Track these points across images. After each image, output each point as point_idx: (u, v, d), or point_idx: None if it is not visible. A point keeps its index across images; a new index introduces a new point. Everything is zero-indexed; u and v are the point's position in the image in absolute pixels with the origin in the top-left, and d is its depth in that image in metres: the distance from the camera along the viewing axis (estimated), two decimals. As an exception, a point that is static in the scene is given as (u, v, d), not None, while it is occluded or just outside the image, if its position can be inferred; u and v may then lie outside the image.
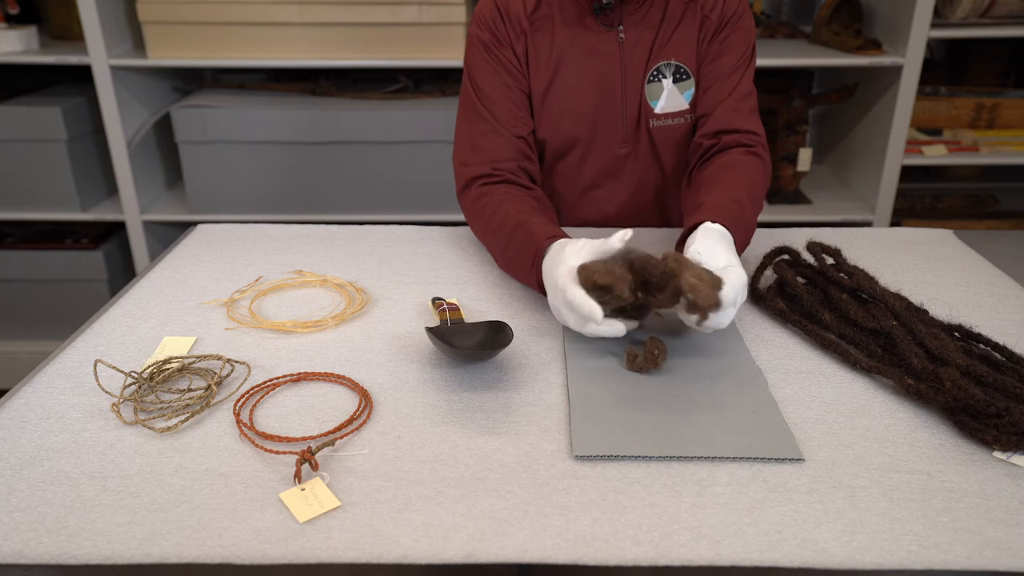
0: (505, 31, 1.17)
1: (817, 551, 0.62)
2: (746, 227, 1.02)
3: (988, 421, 0.74)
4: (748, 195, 1.05)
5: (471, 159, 1.17)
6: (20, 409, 0.80)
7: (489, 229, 1.10)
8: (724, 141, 1.15)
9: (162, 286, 1.08)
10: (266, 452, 0.73)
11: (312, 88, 2.19)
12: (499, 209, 1.09)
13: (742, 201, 1.03)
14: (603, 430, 0.75)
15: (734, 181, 1.07)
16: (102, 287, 2.24)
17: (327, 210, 2.15)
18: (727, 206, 1.00)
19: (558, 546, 0.62)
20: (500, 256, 1.09)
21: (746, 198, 1.04)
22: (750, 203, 1.04)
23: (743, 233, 1.00)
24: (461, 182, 1.18)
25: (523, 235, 1.01)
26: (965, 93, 2.26)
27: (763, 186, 1.12)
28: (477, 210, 1.13)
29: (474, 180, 1.16)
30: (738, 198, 1.03)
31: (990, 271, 1.14)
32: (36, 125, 2.05)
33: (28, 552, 0.61)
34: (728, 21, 1.17)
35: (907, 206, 2.38)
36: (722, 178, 1.08)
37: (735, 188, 1.05)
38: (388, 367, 0.88)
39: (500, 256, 1.09)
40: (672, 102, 1.20)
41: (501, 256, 1.08)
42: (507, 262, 1.07)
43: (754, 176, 1.10)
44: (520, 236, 1.02)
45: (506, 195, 1.11)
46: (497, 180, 1.14)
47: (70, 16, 2.16)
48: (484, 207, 1.12)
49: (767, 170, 1.15)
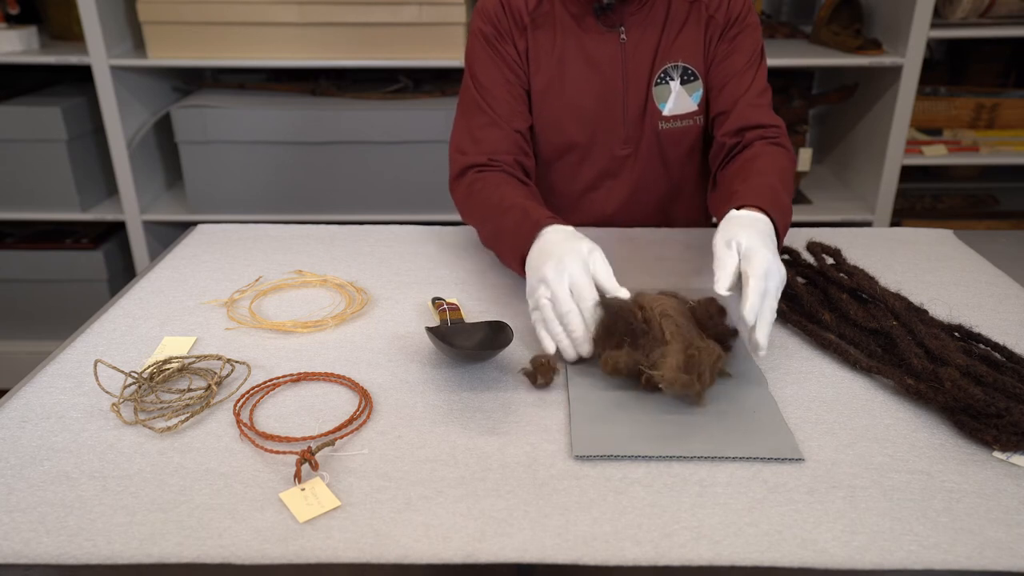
0: (508, 25, 1.17)
1: (817, 551, 0.62)
2: (783, 210, 0.97)
3: (988, 421, 0.74)
4: (780, 180, 1.02)
5: (468, 148, 1.16)
6: (20, 409, 0.80)
7: (481, 207, 1.09)
8: (747, 137, 1.14)
9: (162, 286, 1.08)
10: (266, 452, 0.73)
11: (312, 88, 2.19)
12: (495, 191, 1.08)
13: (775, 186, 1.00)
14: (603, 430, 0.75)
15: (764, 168, 1.05)
16: (102, 287, 2.24)
17: (327, 210, 2.14)
18: (762, 191, 0.97)
19: (558, 546, 0.62)
20: (489, 229, 1.07)
21: (779, 183, 1.01)
22: (783, 187, 1.02)
23: (781, 216, 0.96)
24: (455, 170, 1.17)
25: (520, 213, 0.99)
26: (965, 93, 2.25)
27: (791, 171, 1.10)
28: (470, 194, 1.12)
29: (469, 168, 1.15)
30: (771, 183, 1.00)
31: (990, 271, 1.14)
32: (36, 125, 2.05)
33: (28, 552, 0.61)
34: (735, 20, 1.17)
35: (907, 206, 2.38)
36: (751, 167, 1.06)
37: (767, 174, 1.03)
38: (388, 367, 0.88)
39: (489, 229, 1.07)
40: (680, 104, 1.20)
41: (491, 229, 1.06)
42: (495, 233, 1.05)
43: (782, 163, 1.09)
44: (517, 213, 1.00)
45: (503, 182, 1.11)
46: (493, 169, 1.14)
47: (70, 16, 2.16)
48: (479, 191, 1.11)
49: (792, 158, 1.13)
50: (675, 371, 0.76)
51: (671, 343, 0.78)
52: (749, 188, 0.98)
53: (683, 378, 0.76)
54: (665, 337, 0.79)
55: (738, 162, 1.11)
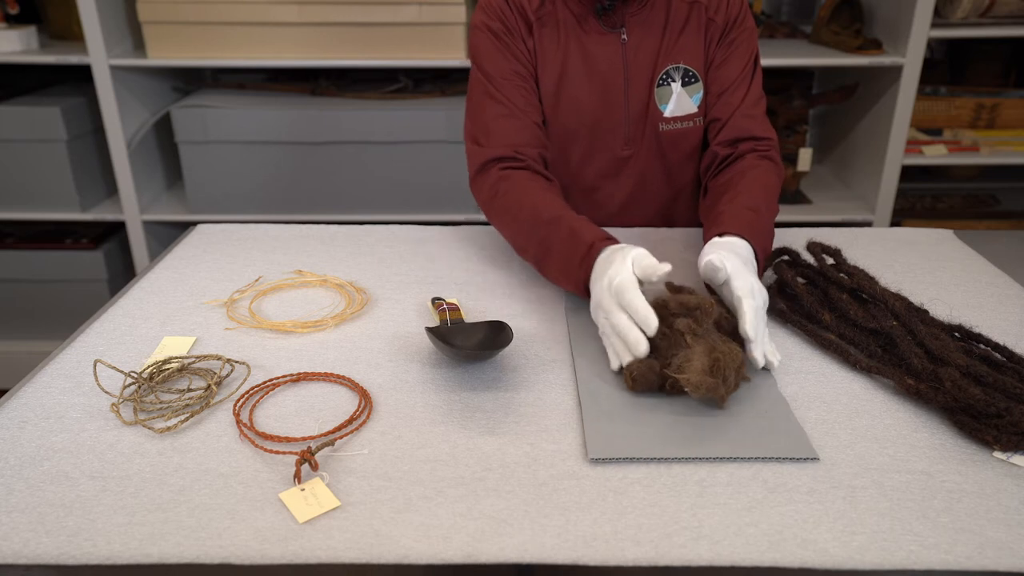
0: (516, 22, 1.16)
1: (817, 551, 0.62)
2: (764, 232, 1.00)
3: (988, 421, 0.74)
4: (765, 200, 1.05)
5: (486, 141, 1.13)
6: (20, 409, 0.80)
7: (514, 217, 1.06)
8: (740, 149, 1.16)
9: (162, 286, 1.08)
10: (266, 452, 0.73)
11: (312, 88, 2.19)
12: (527, 197, 1.05)
13: (759, 208, 1.02)
14: (617, 432, 0.75)
15: (750, 187, 1.07)
16: (102, 287, 2.24)
17: (327, 210, 2.14)
18: (743, 215, 1.00)
19: (558, 546, 0.62)
20: (532, 247, 1.03)
21: (763, 203, 1.04)
22: (766, 207, 1.04)
23: (761, 238, 0.99)
24: (475, 164, 1.14)
25: (567, 232, 0.97)
26: (965, 93, 2.25)
27: (777, 188, 1.12)
28: (497, 195, 1.09)
29: (491, 163, 1.11)
30: (755, 205, 1.02)
31: (990, 271, 1.14)
32: (36, 125, 2.05)
33: (28, 552, 0.61)
34: (733, 24, 1.17)
35: (907, 206, 2.38)
36: (738, 185, 1.08)
37: (751, 194, 1.05)
38: (388, 367, 0.88)
39: (532, 247, 1.03)
40: (681, 106, 1.20)
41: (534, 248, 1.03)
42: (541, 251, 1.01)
43: (769, 180, 1.11)
44: (564, 232, 0.98)
45: (531, 183, 1.08)
46: (518, 166, 1.11)
47: (70, 16, 2.16)
48: (505, 192, 1.08)
49: (780, 172, 1.15)
50: (701, 375, 0.76)
51: (694, 347, 0.78)
52: (732, 213, 1.00)
53: (709, 381, 0.76)
54: (687, 341, 0.79)
55: (727, 175, 1.13)
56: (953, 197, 2.44)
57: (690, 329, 0.79)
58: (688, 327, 0.80)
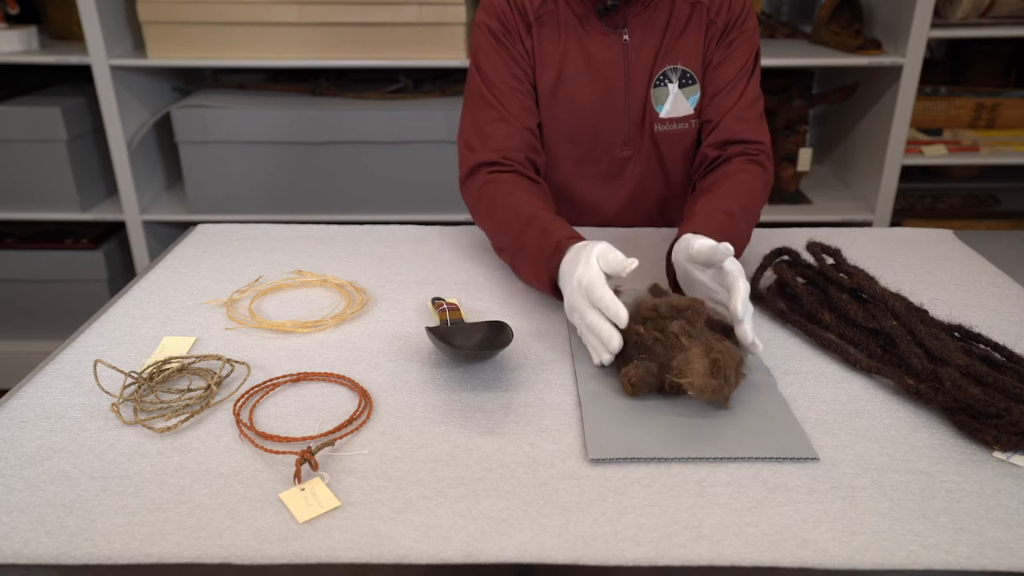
0: (515, 22, 1.16)
1: (817, 551, 0.62)
2: (735, 235, 1.00)
3: (988, 421, 0.74)
4: (742, 205, 1.05)
5: (478, 145, 1.15)
6: (20, 409, 0.80)
7: (495, 215, 1.08)
8: (729, 152, 1.16)
9: (162, 286, 1.08)
10: (266, 452, 0.73)
11: (312, 88, 2.19)
12: (509, 199, 1.07)
13: (733, 211, 1.03)
14: (617, 433, 0.75)
15: (730, 191, 1.07)
16: (102, 287, 2.24)
17: (327, 210, 2.14)
18: (716, 217, 1.00)
19: (558, 546, 0.62)
20: (507, 246, 1.06)
21: (739, 208, 1.04)
22: (742, 212, 1.04)
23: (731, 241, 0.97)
24: (466, 168, 1.16)
25: (539, 231, 0.99)
26: (965, 93, 2.26)
27: (761, 193, 1.12)
28: (481, 196, 1.11)
29: (480, 167, 1.14)
30: (730, 208, 1.03)
31: (990, 271, 1.14)
32: (36, 125, 2.05)
33: (28, 552, 0.61)
34: (734, 24, 1.17)
35: (907, 206, 2.38)
36: (719, 188, 1.09)
37: (729, 198, 1.05)
38: (388, 367, 0.88)
39: (507, 246, 1.06)
40: (677, 107, 1.20)
41: (509, 246, 1.06)
42: (514, 249, 1.04)
43: (753, 184, 1.11)
44: (536, 230, 1.00)
45: (515, 186, 1.10)
46: (506, 170, 1.13)
47: (70, 16, 2.16)
48: (490, 194, 1.10)
49: (768, 178, 1.15)
50: (704, 377, 0.76)
51: (690, 348, 0.78)
52: (706, 214, 1.00)
53: (713, 384, 0.76)
54: (683, 343, 0.79)
55: (712, 177, 1.13)
56: (953, 197, 2.44)
57: (684, 331, 0.79)
58: (682, 328, 0.80)
